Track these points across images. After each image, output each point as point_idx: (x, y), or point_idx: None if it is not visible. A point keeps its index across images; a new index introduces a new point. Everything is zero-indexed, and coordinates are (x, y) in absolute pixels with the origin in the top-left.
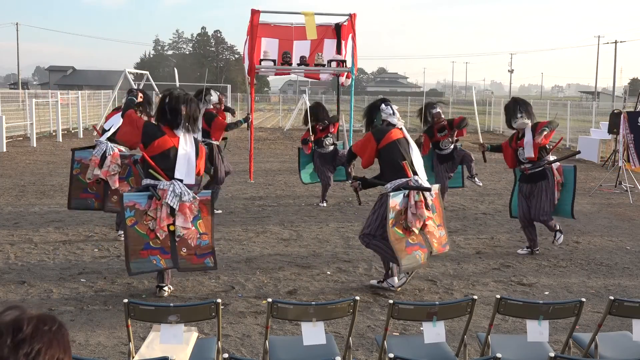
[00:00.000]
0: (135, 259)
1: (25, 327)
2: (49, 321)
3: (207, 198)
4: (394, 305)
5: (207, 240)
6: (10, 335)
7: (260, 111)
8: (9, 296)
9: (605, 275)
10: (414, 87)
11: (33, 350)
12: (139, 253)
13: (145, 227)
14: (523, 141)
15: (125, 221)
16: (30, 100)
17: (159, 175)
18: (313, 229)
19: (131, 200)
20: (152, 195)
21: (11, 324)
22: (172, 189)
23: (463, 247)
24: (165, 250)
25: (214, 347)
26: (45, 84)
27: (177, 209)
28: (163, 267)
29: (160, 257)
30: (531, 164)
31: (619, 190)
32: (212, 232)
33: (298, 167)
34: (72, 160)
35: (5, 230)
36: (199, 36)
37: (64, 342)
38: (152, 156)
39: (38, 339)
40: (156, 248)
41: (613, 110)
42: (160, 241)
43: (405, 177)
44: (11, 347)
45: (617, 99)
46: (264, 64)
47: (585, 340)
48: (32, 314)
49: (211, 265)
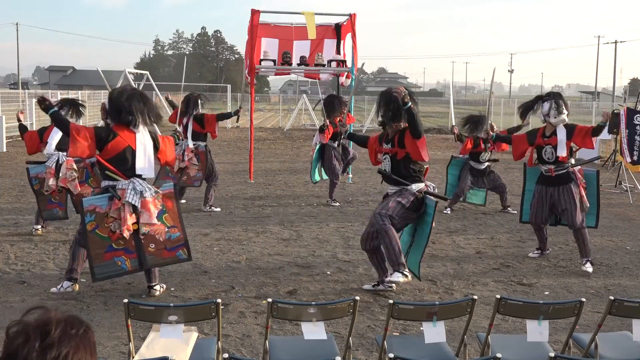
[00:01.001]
0: (99, 262)
1: (54, 331)
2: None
3: (170, 191)
4: (394, 305)
5: (177, 232)
6: (38, 340)
7: (260, 111)
8: (9, 296)
9: (605, 275)
10: (414, 87)
11: (60, 354)
12: (102, 256)
13: (106, 230)
14: (555, 139)
15: (86, 226)
16: (30, 100)
17: (117, 176)
18: (313, 229)
19: (91, 205)
20: (112, 196)
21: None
22: (131, 187)
23: (463, 247)
24: (129, 250)
25: (214, 347)
26: (45, 84)
27: (140, 206)
28: (128, 269)
29: (125, 258)
30: (555, 165)
31: (618, 190)
32: (181, 223)
33: (311, 167)
34: (28, 178)
35: (5, 230)
36: (199, 36)
37: (90, 345)
38: (108, 158)
39: (65, 343)
40: (120, 249)
41: (613, 110)
42: (123, 242)
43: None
44: (39, 351)
45: (617, 99)
46: (264, 64)
47: (585, 340)
48: (59, 316)
49: (184, 257)
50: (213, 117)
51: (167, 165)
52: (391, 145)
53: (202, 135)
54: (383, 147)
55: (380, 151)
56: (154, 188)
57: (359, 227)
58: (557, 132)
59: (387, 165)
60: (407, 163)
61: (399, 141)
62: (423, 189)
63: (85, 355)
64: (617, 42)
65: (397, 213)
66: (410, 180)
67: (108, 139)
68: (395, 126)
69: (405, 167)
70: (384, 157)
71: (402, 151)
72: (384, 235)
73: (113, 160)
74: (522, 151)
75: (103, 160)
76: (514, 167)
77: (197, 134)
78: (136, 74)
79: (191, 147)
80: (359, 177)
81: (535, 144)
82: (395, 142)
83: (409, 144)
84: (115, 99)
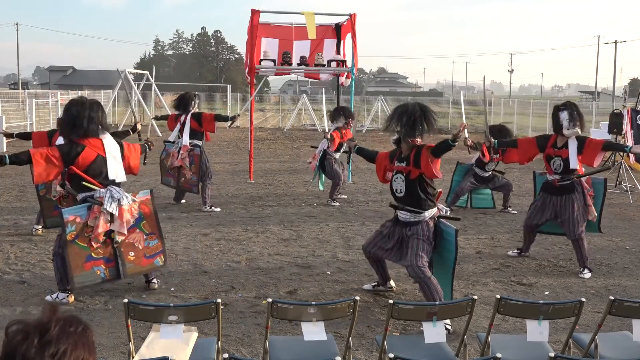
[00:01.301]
0: (79, 272)
1: (52, 329)
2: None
3: (147, 198)
4: (394, 305)
5: (155, 239)
6: (37, 336)
7: (260, 111)
8: (9, 296)
9: (605, 275)
10: (414, 87)
11: (59, 351)
12: (83, 266)
13: (86, 240)
14: (566, 152)
15: (66, 237)
16: (30, 100)
17: (93, 185)
18: (313, 229)
19: (71, 215)
20: (91, 205)
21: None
22: (109, 195)
23: (463, 247)
24: (108, 259)
25: (214, 347)
26: (45, 84)
27: (117, 215)
28: (107, 277)
29: (105, 267)
30: (561, 176)
31: (618, 190)
32: (159, 231)
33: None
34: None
35: (5, 230)
36: (199, 36)
37: (88, 344)
38: (83, 170)
39: (64, 340)
40: (99, 258)
41: (613, 110)
42: (102, 251)
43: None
44: (38, 347)
45: (617, 99)
46: (264, 64)
47: (585, 340)
48: (58, 315)
49: (160, 264)
50: (211, 115)
51: (130, 172)
52: (406, 164)
53: (200, 133)
54: (395, 164)
55: (391, 169)
56: (130, 196)
57: (359, 227)
58: (568, 144)
59: (401, 186)
60: (422, 183)
61: (415, 159)
62: (436, 214)
63: (84, 353)
64: (617, 42)
65: (428, 253)
66: (425, 206)
67: (77, 152)
68: (412, 141)
69: (421, 188)
70: (396, 177)
71: (417, 170)
72: (425, 286)
73: (87, 172)
74: (530, 155)
75: (79, 171)
76: (514, 167)
77: (195, 132)
78: (136, 74)
79: (187, 144)
80: (359, 177)
81: (545, 153)
82: (410, 160)
83: (425, 163)
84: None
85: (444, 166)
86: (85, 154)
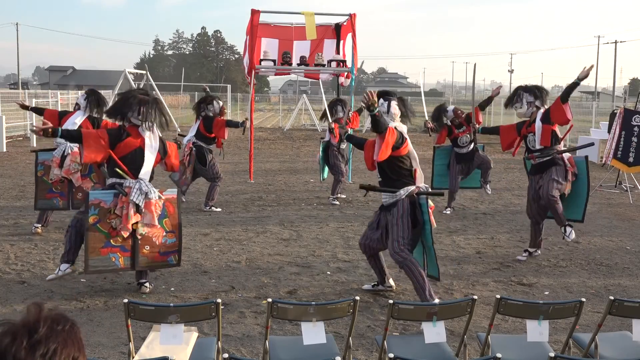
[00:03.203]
0: (95, 256)
1: (41, 328)
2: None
3: (174, 197)
4: (394, 305)
5: (173, 238)
6: (26, 337)
7: (260, 111)
8: (9, 296)
9: (605, 275)
10: (414, 87)
11: (49, 350)
12: (99, 251)
13: (107, 226)
14: (534, 126)
15: (88, 219)
16: (30, 100)
17: (125, 174)
18: (313, 229)
19: (96, 198)
20: (118, 193)
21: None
22: (137, 187)
23: (463, 247)
24: (125, 248)
25: (214, 347)
26: (45, 84)
27: (143, 207)
28: (120, 266)
29: (120, 255)
30: (539, 152)
31: (618, 190)
32: (179, 230)
33: (320, 167)
34: (35, 163)
35: (5, 230)
36: (199, 36)
37: (77, 341)
38: (120, 157)
39: (53, 338)
40: (116, 246)
41: (613, 110)
42: (121, 239)
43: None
44: (27, 348)
45: (617, 99)
46: (264, 64)
47: (585, 340)
48: (45, 314)
49: (174, 262)
50: (223, 121)
51: (172, 170)
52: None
53: (209, 139)
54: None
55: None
56: (158, 192)
57: (359, 227)
58: (535, 119)
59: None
60: (390, 164)
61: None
62: (414, 191)
63: (74, 350)
64: (617, 42)
65: (406, 234)
66: (399, 184)
67: (121, 137)
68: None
69: (389, 168)
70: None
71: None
72: (408, 271)
73: (123, 159)
74: (510, 141)
75: (115, 157)
76: (514, 167)
77: (203, 135)
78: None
79: (190, 143)
80: (359, 178)
81: (521, 134)
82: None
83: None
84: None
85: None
86: (127, 141)
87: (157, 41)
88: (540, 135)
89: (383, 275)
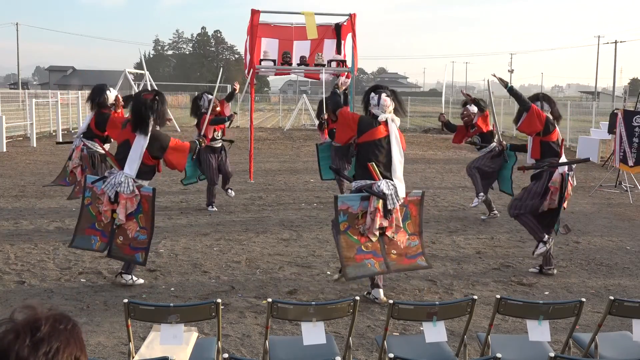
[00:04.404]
0: (81, 235)
1: (43, 327)
2: (64, 320)
3: (149, 194)
4: (394, 305)
5: (144, 235)
6: (28, 335)
7: (260, 111)
8: (9, 296)
9: (605, 275)
10: (414, 87)
11: (52, 349)
12: (85, 230)
13: (96, 209)
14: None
15: (84, 200)
16: (30, 100)
17: (113, 163)
18: (313, 229)
19: (89, 183)
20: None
21: (28, 324)
22: (112, 178)
23: (463, 247)
24: (104, 234)
25: (214, 347)
26: (45, 84)
27: (114, 199)
28: (95, 248)
29: (99, 239)
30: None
31: (618, 190)
32: (151, 229)
33: (318, 164)
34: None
35: (5, 230)
36: (199, 36)
37: (79, 340)
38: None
39: (55, 337)
40: (99, 230)
41: (613, 110)
42: (104, 225)
43: (372, 179)
44: (30, 346)
45: (617, 99)
46: (264, 64)
47: (585, 340)
48: (47, 313)
49: (140, 261)
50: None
51: (174, 168)
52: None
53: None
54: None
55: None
56: (133, 187)
57: None
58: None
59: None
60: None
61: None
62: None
63: (76, 349)
64: (617, 42)
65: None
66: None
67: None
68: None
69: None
70: None
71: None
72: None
73: (117, 147)
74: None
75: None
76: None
77: None
78: (136, 74)
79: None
80: None
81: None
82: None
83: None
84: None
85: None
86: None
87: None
88: (530, 147)
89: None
